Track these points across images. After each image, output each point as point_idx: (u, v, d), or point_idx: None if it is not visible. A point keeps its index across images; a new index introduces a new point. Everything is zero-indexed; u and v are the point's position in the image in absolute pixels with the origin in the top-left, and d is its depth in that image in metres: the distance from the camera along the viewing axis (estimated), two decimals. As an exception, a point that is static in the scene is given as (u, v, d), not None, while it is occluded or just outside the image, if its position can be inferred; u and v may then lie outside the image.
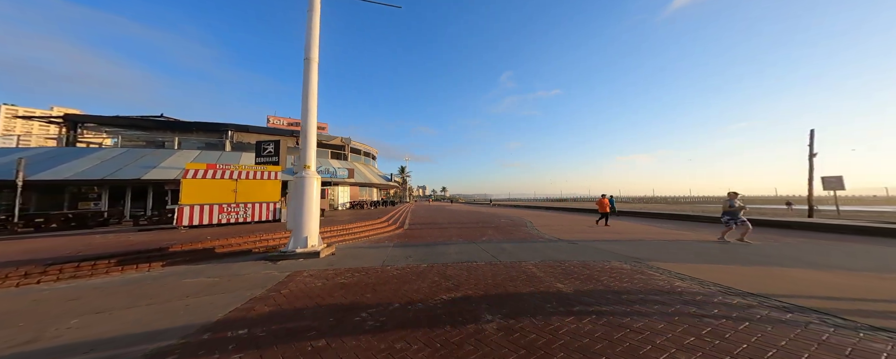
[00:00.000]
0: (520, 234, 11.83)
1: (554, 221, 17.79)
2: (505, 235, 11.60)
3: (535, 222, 16.41)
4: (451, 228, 13.95)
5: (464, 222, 17.08)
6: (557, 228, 13.42)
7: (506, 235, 11.59)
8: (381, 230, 12.60)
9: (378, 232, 12.12)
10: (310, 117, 7.82)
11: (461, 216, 22.18)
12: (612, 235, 11.16)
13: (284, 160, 15.20)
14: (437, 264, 6.49)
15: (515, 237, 10.87)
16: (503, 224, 15.83)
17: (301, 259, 6.66)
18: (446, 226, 15.31)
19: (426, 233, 12.52)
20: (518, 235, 11.57)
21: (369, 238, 10.85)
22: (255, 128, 21.36)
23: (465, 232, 12.53)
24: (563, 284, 4.79)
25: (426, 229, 13.85)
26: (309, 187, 7.38)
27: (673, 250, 7.75)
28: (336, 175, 23.77)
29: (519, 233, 12.10)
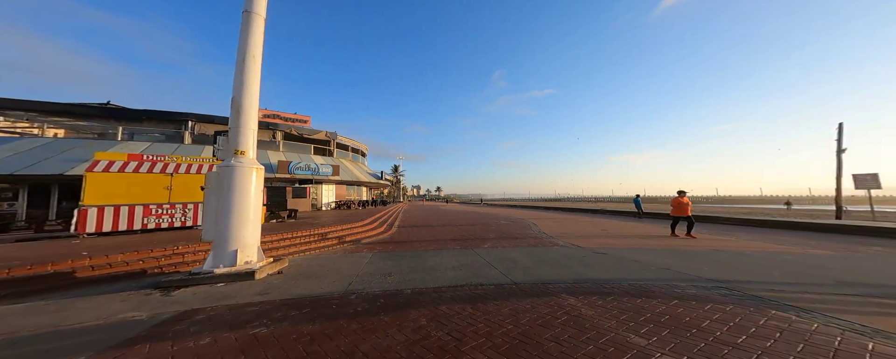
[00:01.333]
0: (527, 238, 9.89)
1: (559, 222, 15.91)
2: (510, 239, 9.66)
3: (540, 225, 14.50)
4: (446, 231, 11.97)
5: (460, 224, 15.13)
6: (567, 232, 11.52)
7: (511, 240, 9.65)
8: (363, 234, 10.57)
9: (361, 236, 10.09)
10: (247, 86, 5.74)
11: (456, 217, 20.23)
12: (640, 241, 9.28)
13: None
14: (427, 290, 4.51)
15: (523, 242, 8.94)
16: (504, 226, 13.90)
17: (220, 285, 4.58)
18: (440, 228, 13.33)
19: (416, 236, 10.52)
20: (525, 239, 9.64)
21: (346, 244, 8.82)
22: (221, 118, 19.10)
23: (462, 236, 10.57)
24: (658, 349, 2.74)
25: (417, 232, 11.85)
26: (241, 181, 5.28)
27: (754, 265, 5.87)
28: (318, 172, 21.63)
29: (525, 237, 10.17)
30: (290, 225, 10.65)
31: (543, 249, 8.01)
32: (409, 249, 8.14)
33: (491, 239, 9.84)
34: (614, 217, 19.84)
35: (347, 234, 10.01)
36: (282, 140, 22.34)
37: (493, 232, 11.71)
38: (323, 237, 8.91)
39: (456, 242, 9.20)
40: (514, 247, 8.33)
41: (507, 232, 11.69)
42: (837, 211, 16.38)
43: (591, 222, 15.58)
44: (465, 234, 11.28)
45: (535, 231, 11.87)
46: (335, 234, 9.52)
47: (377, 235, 11.08)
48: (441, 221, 17.24)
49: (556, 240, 9.51)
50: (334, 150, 27.63)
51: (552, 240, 9.54)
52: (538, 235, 10.59)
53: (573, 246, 8.32)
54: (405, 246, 8.76)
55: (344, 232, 10.03)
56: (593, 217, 19.97)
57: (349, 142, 30.92)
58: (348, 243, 9.06)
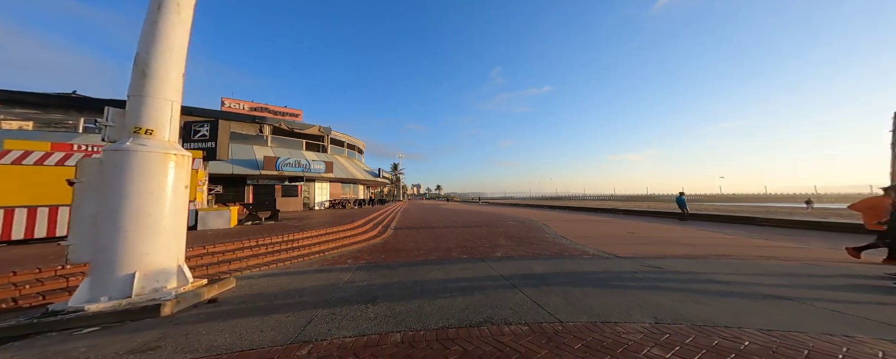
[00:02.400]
0: (545, 244, 8.27)
1: (574, 223, 14.27)
2: (526, 245, 8.04)
3: (554, 227, 12.86)
4: (448, 235, 10.35)
5: (463, 224, 13.51)
6: (590, 235, 9.90)
7: (527, 246, 8.03)
8: (352, 239, 8.95)
9: (347, 242, 8.47)
10: (163, 37, 4.00)
11: (458, 217, 18.61)
12: (691, 249, 7.66)
13: (225, 149, 11.46)
14: (427, 338, 2.88)
15: (543, 250, 7.32)
16: (513, 228, 12.27)
17: (88, 331, 2.93)
18: (441, 230, 11.71)
19: (414, 242, 8.91)
20: (543, 245, 8.02)
21: (327, 254, 7.19)
22: (202, 110, 17.49)
23: (468, 240, 8.95)
24: None
25: (415, 236, 10.23)
26: (144, 172, 3.60)
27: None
28: (310, 169, 20.00)
29: (542, 242, 8.54)
30: (265, 229, 9.03)
31: (572, 260, 6.38)
32: (405, 261, 6.52)
33: (502, 245, 8.21)
34: (636, 218, 18.20)
35: (332, 239, 8.38)
36: (270, 134, 20.73)
37: (503, 236, 10.08)
38: (295, 246, 7.27)
39: (462, 250, 7.58)
40: (533, 256, 6.71)
41: (519, 235, 10.06)
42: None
43: (612, 224, 13.95)
44: (471, 238, 9.66)
45: (550, 234, 10.25)
46: (315, 241, 7.89)
47: (368, 239, 9.46)
48: (442, 221, 15.63)
49: (582, 246, 7.88)
50: (328, 146, 25.99)
51: (577, 246, 7.91)
52: (557, 240, 8.96)
53: (610, 256, 6.68)
54: (400, 255, 7.13)
55: (327, 237, 8.40)
56: (611, 218, 18.34)
57: (344, 138, 29.28)
58: (331, 251, 7.43)
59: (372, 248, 8.15)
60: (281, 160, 18.10)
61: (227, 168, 16.11)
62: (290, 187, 20.83)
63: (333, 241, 8.26)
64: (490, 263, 6.09)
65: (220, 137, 11.28)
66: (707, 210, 19.03)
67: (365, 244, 8.70)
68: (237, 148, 18.30)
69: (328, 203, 24.03)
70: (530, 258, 6.52)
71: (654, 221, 15.56)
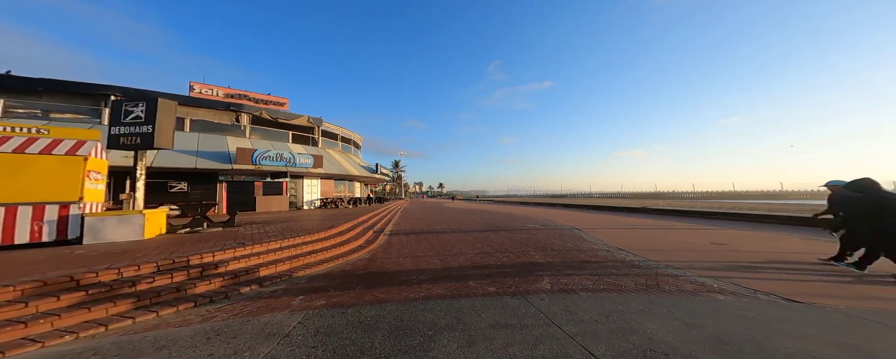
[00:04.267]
0: (612, 267, 5.57)
1: (617, 230, 11.56)
2: (581, 268, 5.35)
3: (595, 234, 10.15)
4: (458, 243, 7.69)
5: (473, 229, 10.84)
6: (661, 248, 7.20)
7: (583, 269, 5.34)
8: (326, 254, 6.31)
9: (316, 259, 5.84)
10: None
11: (466, 218, 15.94)
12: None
13: (168, 135, 8.81)
14: None
15: (622, 280, 4.63)
16: (540, 234, 9.59)
17: None
18: (447, 236, 9.06)
19: (412, 257, 6.25)
20: (610, 268, 5.32)
21: (267, 286, 4.54)
22: (156, 93, 14.75)
23: (486, 253, 6.28)
24: None
25: (415, 245, 7.57)
26: None
27: None
28: (295, 163, 17.37)
29: (606, 263, 5.84)
30: (196, 242, 6.36)
31: (684, 298, 3.69)
32: (393, 298, 3.87)
33: (542, 265, 5.53)
34: (677, 219, 15.43)
35: (292, 256, 5.72)
36: (249, 124, 18.10)
37: (533, 246, 7.39)
38: (226, 269, 4.62)
39: (484, 277, 4.91)
40: (613, 291, 4.03)
41: (556, 246, 7.36)
42: None
43: (666, 228, 11.22)
44: (489, 249, 6.98)
45: (599, 245, 7.54)
46: (262, 258, 5.24)
47: (348, 253, 6.79)
48: (447, 223, 12.97)
49: (680, 272, 5.17)
50: (319, 138, 23.34)
51: (671, 271, 5.21)
52: (620, 257, 6.25)
53: (772, 298, 3.96)
54: (388, 285, 4.48)
55: (284, 253, 5.74)
56: (647, 219, 15.60)
57: (338, 130, 26.63)
58: (282, 278, 4.77)
59: (349, 269, 5.50)
60: (259, 153, 15.48)
61: (189, 161, 13.50)
62: (273, 185, 18.22)
63: (293, 258, 5.60)
64: (538, 307, 3.43)
65: (160, 120, 8.62)
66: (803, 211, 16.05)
67: (341, 262, 6.04)
68: (207, 138, 15.72)
69: (319, 202, 21.43)
70: (611, 295, 3.84)
71: (725, 225, 12.79)
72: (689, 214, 15.94)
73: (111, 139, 8.42)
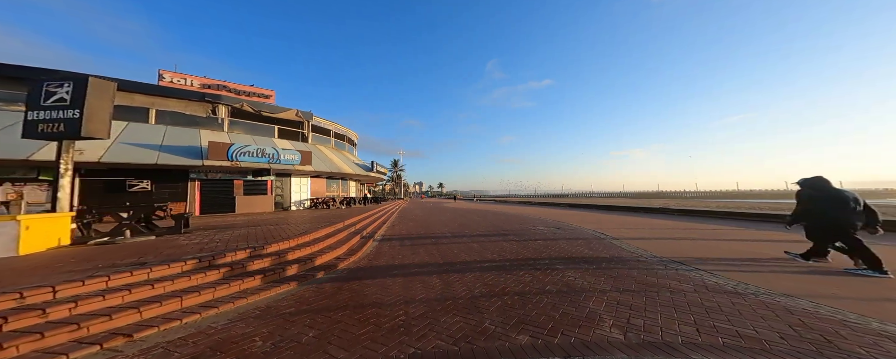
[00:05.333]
0: (681, 289, 3.92)
1: (647, 233, 9.94)
2: (636, 290, 3.71)
3: (630, 243, 8.53)
4: (463, 253, 6.04)
5: (479, 233, 9.20)
6: (714, 257, 5.55)
7: (640, 291, 3.70)
8: (287, 271, 4.68)
9: (267, 280, 4.21)
10: None
11: (469, 220, 14.30)
12: None
13: (99, 124, 7.14)
14: None
15: (730, 323, 2.99)
16: (556, 239, 7.95)
17: None
18: (450, 244, 7.41)
19: (403, 275, 4.60)
20: (685, 293, 3.68)
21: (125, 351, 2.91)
22: (123, 83, 12.91)
23: (501, 268, 4.64)
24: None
25: (408, 256, 5.93)
26: None
27: None
28: (279, 160, 15.69)
29: (661, 279, 4.21)
30: (91, 258, 4.68)
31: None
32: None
33: (589, 293, 3.89)
34: (704, 220, 13.81)
35: (211, 283, 4.07)
36: (228, 117, 16.39)
37: (560, 258, 5.74)
38: (91, 312, 2.98)
39: (505, 312, 3.27)
40: (760, 353, 2.38)
41: (590, 258, 5.71)
42: None
43: (700, 231, 9.58)
44: (504, 263, 5.32)
45: (648, 256, 5.90)
46: (171, 286, 3.61)
47: (316, 270, 5.13)
48: (448, 226, 11.32)
49: (804, 302, 3.54)
50: (309, 134, 21.65)
51: (784, 300, 3.57)
52: (691, 276, 4.60)
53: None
54: (352, 340, 2.83)
55: (201, 279, 4.10)
56: (671, 220, 13.99)
57: (331, 125, 24.94)
58: (181, 327, 3.15)
59: (300, 302, 3.86)
60: (236, 148, 13.78)
61: (150, 156, 11.80)
62: (256, 183, 16.56)
63: (214, 285, 3.94)
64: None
65: (90, 104, 6.94)
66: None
67: (294, 286, 4.39)
68: (176, 132, 14.00)
69: (309, 203, 19.78)
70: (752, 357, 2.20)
71: (760, 226, 11.17)
72: (714, 215, 14.33)
73: (27, 126, 6.75)
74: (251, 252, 5.05)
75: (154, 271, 3.86)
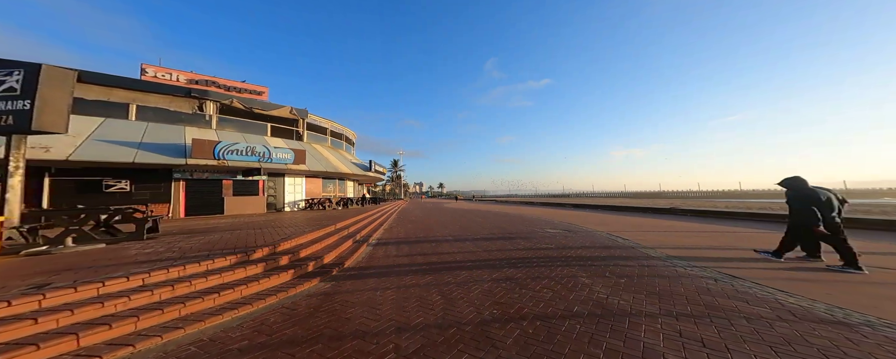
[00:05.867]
0: (762, 317, 3.09)
1: (655, 232, 9.13)
2: (695, 314, 2.87)
3: (643, 241, 7.72)
4: (465, 258, 5.21)
5: (482, 235, 8.37)
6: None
7: (702, 316, 2.86)
8: (255, 286, 3.87)
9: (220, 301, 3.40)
10: None
11: (470, 221, 13.47)
12: None
13: (55, 116, 6.32)
14: None
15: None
16: (568, 242, 7.12)
17: None
18: (451, 246, 6.58)
19: (396, 289, 3.77)
20: (760, 321, 2.86)
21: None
22: (99, 76, 11.93)
23: (512, 280, 3.81)
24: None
25: (405, 264, 5.09)
26: None
27: None
28: (271, 159, 14.87)
29: (718, 299, 3.38)
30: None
31: None
32: None
33: (636, 318, 3.06)
34: (725, 221, 12.99)
35: (135, 310, 3.25)
36: (216, 114, 15.54)
37: (579, 266, 4.91)
38: None
39: (525, 347, 2.43)
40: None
41: (618, 269, 4.88)
42: None
43: (726, 234, 8.76)
44: (515, 273, 4.49)
45: (679, 263, 5.08)
46: (91, 311, 2.79)
47: (295, 283, 4.31)
48: (448, 228, 10.48)
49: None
50: (304, 132, 20.82)
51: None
52: (762, 296, 3.77)
53: None
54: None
55: (119, 306, 3.28)
56: (694, 222, 13.19)
57: (327, 123, 24.12)
58: None
59: (263, 331, 3.03)
60: (223, 146, 12.94)
61: (127, 154, 10.94)
62: (247, 183, 15.73)
63: (142, 311, 3.12)
64: None
65: (44, 95, 6.11)
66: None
67: (256, 308, 3.56)
68: (158, 129, 13.12)
69: (304, 203, 18.96)
70: None
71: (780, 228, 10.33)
72: (726, 216, 13.53)
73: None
74: (209, 266, 4.22)
75: (51, 296, 3.01)
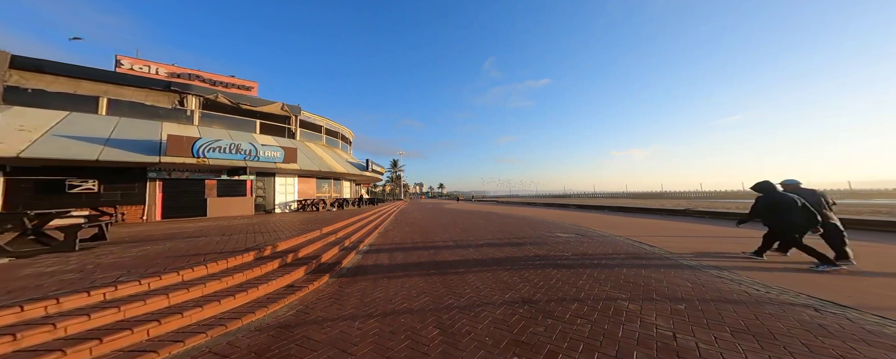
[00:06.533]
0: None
1: (680, 237, 8.13)
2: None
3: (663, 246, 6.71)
4: (469, 269, 4.19)
5: (486, 240, 7.34)
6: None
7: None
8: (198, 314, 2.86)
9: (135, 339, 2.39)
10: None
11: (472, 223, 12.45)
12: None
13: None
14: None
15: None
16: (590, 251, 6.10)
17: None
18: (452, 254, 5.55)
19: (380, 316, 2.76)
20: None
21: None
22: (63, 66, 10.92)
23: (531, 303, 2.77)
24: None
25: (398, 277, 4.08)
26: None
27: None
28: (258, 157, 13.85)
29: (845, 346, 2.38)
30: None
31: None
32: None
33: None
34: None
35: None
36: (199, 109, 14.50)
37: (612, 281, 3.88)
38: None
39: None
40: None
41: (665, 283, 3.85)
42: None
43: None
44: (532, 293, 3.45)
45: (747, 282, 4.06)
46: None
47: (254, 307, 3.29)
48: (449, 231, 9.45)
49: None
50: (297, 129, 19.80)
51: None
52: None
53: None
54: None
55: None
56: (716, 225, 12.21)
57: (322, 121, 23.10)
58: None
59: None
60: (203, 143, 11.90)
61: (91, 151, 9.89)
62: (234, 184, 14.70)
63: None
64: None
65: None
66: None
67: (183, 349, 2.55)
68: (132, 124, 12.03)
69: (296, 204, 17.94)
70: None
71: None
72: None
73: None
74: (109, 294, 3.20)
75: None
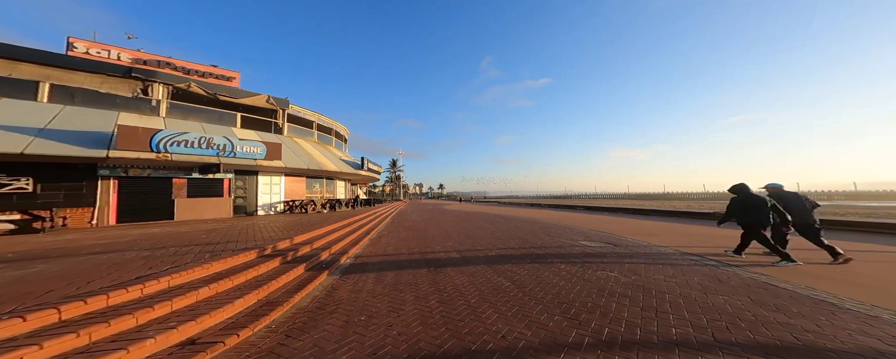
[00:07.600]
0: None
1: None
2: None
3: (726, 261, 5.09)
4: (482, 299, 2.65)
5: (497, 250, 5.79)
6: None
7: None
8: None
9: None
10: None
11: (476, 227, 10.87)
12: None
13: None
14: None
15: None
16: (653, 274, 4.53)
17: None
18: (456, 272, 4.02)
19: None
20: None
21: None
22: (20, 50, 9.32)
23: None
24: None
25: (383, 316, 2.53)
26: None
27: None
28: (234, 153, 12.24)
29: None
30: None
31: None
32: None
33: None
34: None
35: None
36: (168, 100, 12.84)
37: (704, 326, 2.32)
38: None
39: None
40: None
41: (792, 329, 2.30)
42: None
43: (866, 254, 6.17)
44: (601, 351, 1.90)
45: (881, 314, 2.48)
46: None
47: None
48: (451, 238, 7.88)
49: None
50: (284, 124, 18.19)
51: None
52: None
53: None
54: None
55: None
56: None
57: (313, 116, 21.51)
58: None
59: None
60: (165, 135, 10.25)
61: (15, 142, 8.19)
62: (207, 182, 13.08)
63: None
64: None
65: None
66: None
67: None
68: (78, 114, 10.23)
69: (283, 206, 16.34)
70: None
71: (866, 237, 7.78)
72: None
73: None
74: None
75: None
